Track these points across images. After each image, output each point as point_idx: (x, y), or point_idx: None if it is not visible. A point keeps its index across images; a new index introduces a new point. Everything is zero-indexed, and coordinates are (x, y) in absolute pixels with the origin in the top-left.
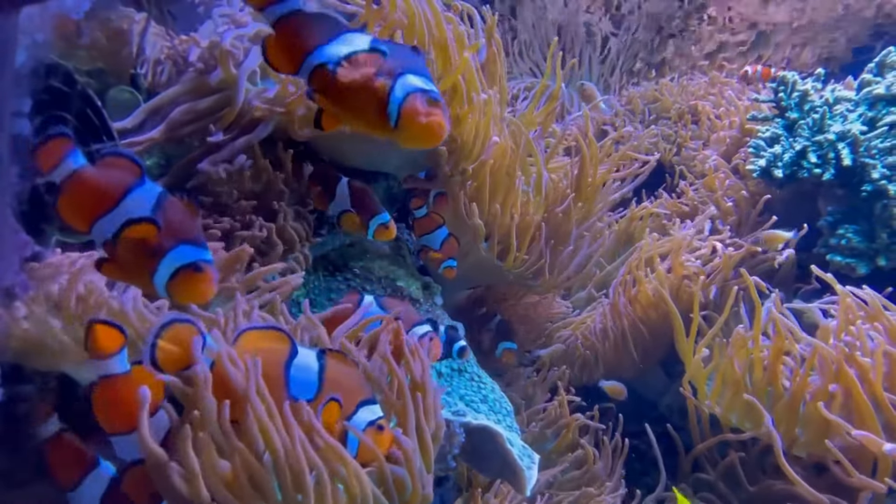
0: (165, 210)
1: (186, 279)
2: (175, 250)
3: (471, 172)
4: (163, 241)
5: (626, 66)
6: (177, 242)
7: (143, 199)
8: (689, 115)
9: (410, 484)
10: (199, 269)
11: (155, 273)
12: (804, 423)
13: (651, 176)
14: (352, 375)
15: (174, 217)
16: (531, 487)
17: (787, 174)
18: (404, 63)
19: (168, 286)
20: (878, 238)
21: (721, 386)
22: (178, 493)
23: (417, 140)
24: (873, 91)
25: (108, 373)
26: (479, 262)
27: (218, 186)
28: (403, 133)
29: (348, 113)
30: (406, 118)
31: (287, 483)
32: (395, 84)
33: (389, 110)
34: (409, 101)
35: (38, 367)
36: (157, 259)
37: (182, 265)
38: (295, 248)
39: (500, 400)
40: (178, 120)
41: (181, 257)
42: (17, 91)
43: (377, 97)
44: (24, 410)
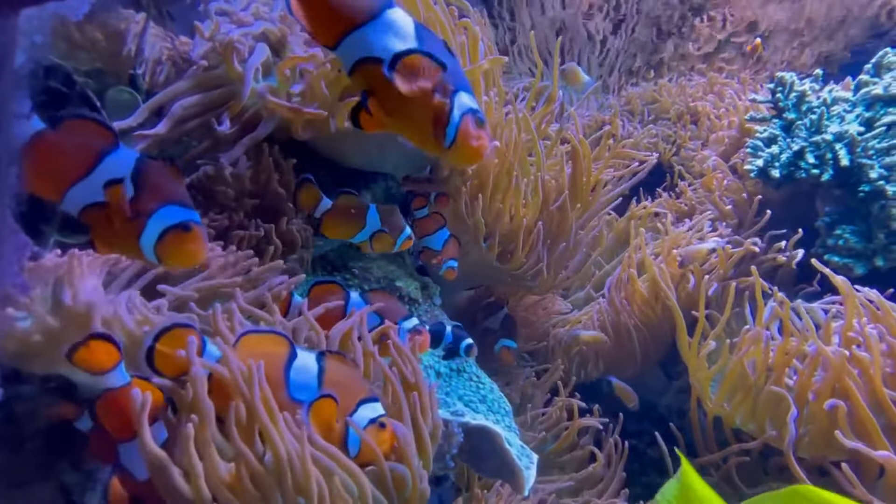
0: (147, 172)
1: (175, 240)
2: (161, 211)
3: (470, 173)
4: (147, 202)
5: (625, 67)
6: (162, 203)
7: (119, 163)
8: (689, 116)
9: (410, 481)
10: (188, 229)
11: (141, 235)
12: (808, 424)
13: (651, 176)
14: (352, 375)
15: (157, 178)
16: (530, 487)
17: (784, 174)
18: (454, 76)
19: (156, 249)
20: (876, 238)
21: (728, 387)
22: (179, 493)
23: (463, 160)
24: (871, 92)
25: (110, 387)
26: (478, 262)
27: (217, 185)
28: (454, 154)
29: (399, 122)
30: (461, 142)
31: (288, 486)
32: (452, 104)
33: (448, 132)
34: (464, 125)
35: (35, 369)
36: (143, 220)
37: (170, 225)
38: (296, 249)
39: (498, 400)
40: (180, 115)
41: (168, 217)
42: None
43: (436, 117)
44: (23, 410)
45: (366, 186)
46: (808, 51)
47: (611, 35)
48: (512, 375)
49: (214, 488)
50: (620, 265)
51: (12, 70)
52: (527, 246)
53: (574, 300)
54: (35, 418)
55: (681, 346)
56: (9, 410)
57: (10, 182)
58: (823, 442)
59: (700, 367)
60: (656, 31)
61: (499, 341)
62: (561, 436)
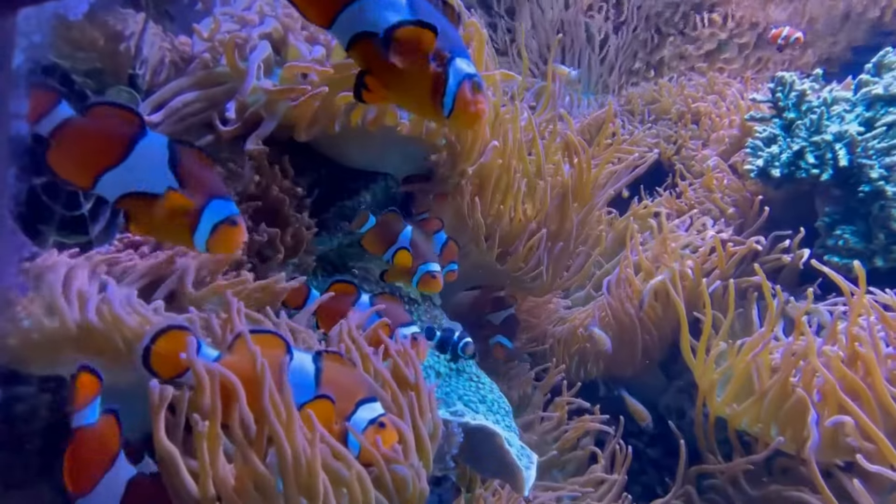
0: (186, 164)
1: (224, 234)
2: (211, 205)
3: (470, 174)
4: (196, 197)
5: (625, 66)
6: (209, 198)
7: (152, 150)
8: (690, 115)
9: (411, 483)
10: (235, 223)
11: (195, 230)
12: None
13: (652, 176)
14: (350, 375)
15: (198, 170)
16: (530, 487)
17: (784, 174)
18: (450, 42)
19: (208, 242)
20: (876, 239)
21: (735, 389)
22: (187, 490)
23: (463, 126)
24: (871, 91)
25: (79, 424)
26: (478, 263)
27: None
28: (454, 121)
29: (398, 95)
30: (459, 108)
31: (292, 488)
32: (448, 72)
33: (445, 101)
34: (461, 91)
35: (34, 369)
36: (195, 217)
37: (220, 220)
38: (298, 253)
39: (498, 400)
40: (179, 108)
41: (217, 213)
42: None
43: (433, 86)
44: (22, 411)
45: (366, 186)
46: (811, 51)
47: (612, 34)
48: (511, 375)
49: (221, 488)
50: (619, 265)
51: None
52: (527, 247)
53: (574, 299)
54: (34, 419)
55: (684, 350)
56: (8, 411)
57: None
58: (830, 445)
59: (706, 372)
60: (657, 31)
61: (495, 336)
62: (561, 437)
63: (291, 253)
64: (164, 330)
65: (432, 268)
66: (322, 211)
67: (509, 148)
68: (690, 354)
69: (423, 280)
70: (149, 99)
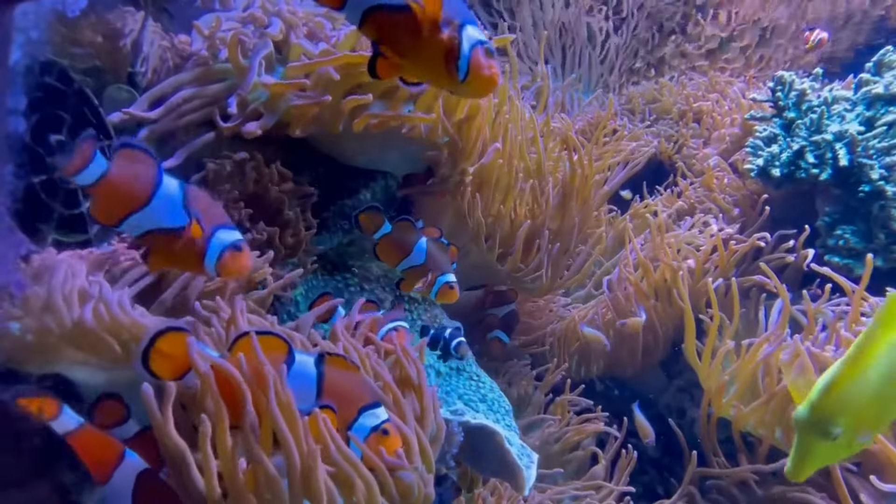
0: (196, 202)
1: (231, 258)
2: (217, 234)
3: (470, 174)
4: (205, 230)
5: (626, 65)
6: (215, 228)
7: (171, 195)
8: (691, 114)
9: (416, 488)
10: (239, 249)
11: (205, 257)
12: None
13: (653, 175)
14: (352, 380)
15: (205, 205)
16: (530, 486)
17: (784, 174)
18: (458, 10)
19: (216, 267)
20: (876, 239)
21: (740, 392)
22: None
23: (478, 91)
24: (871, 91)
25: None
26: (478, 263)
27: (219, 185)
28: (469, 86)
29: (412, 64)
30: (474, 73)
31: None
32: (461, 38)
33: (459, 65)
34: (475, 57)
35: (32, 368)
36: (204, 244)
37: (226, 246)
38: (297, 252)
39: (498, 399)
40: (177, 104)
41: (224, 240)
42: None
43: (447, 53)
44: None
45: (366, 185)
46: (814, 51)
47: (612, 34)
48: (512, 373)
49: (229, 485)
50: (619, 264)
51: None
52: (531, 249)
53: (574, 299)
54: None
55: (689, 352)
56: (5, 410)
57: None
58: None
59: (712, 374)
60: (658, 29)
61: (493, 331)
62: (563, 438)
63: (291, 252)
64: (163, 331)
65: (450, 279)
66: (321, 210)
67: (510, 147)
68: (696, 357)
69: (441, 291)
70: (147, 93)
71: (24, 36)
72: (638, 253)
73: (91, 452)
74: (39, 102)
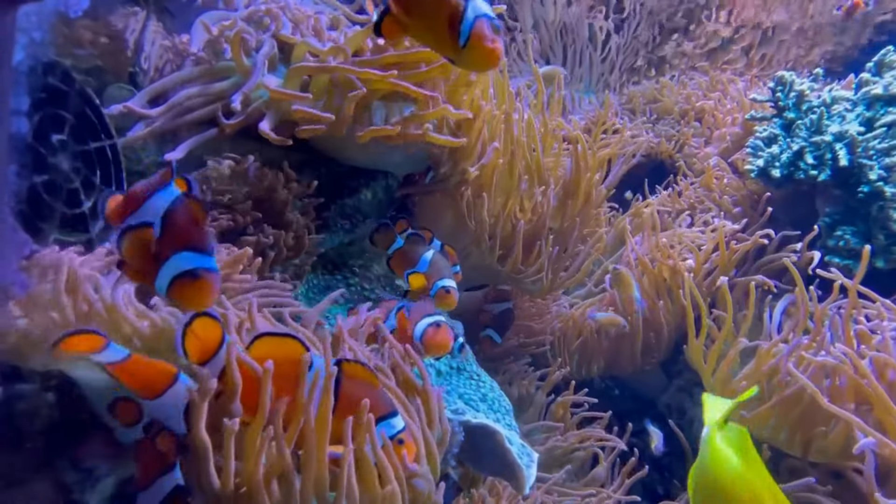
0: (173, 214)
1: (185, 286)
2: (177, 256)
3: (471, 174)
4: (165, 247)
5: (627, 65)
6: (179, 248)
7: (160, 201)
8: (693, 113)
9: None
10: (197, 277)
11: (158, 278)
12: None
13: (653, 174)
14: (368, 389)
15: (180, 221)
16: (530, 486)
17: (784, 175)
18: None
19: (168, 292)
20: (876, 239)
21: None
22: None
23: (478, 63)
24: (871, 91)
25: (110, 361)
26: (478, 264)
27: (222, 185)
28: (469, 54)
29: (418, 23)
30: (475, 41)
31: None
32: (467, 5)
33: (462, 29)
34: (478, 25)
35: (35, 366)
36: (159, 264)
37: (182, 272)
38: (300, 253)
39: (499, 398)
40: (180, 102)
41: (182, 264)
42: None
43: (452, 16)
44: (23, 408)
45: (366, 184)
46: (817, 49)
47: (613, 33)
48: (513, 372)
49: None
50: (619, 262)
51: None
52: (532, 249)
53: (574, 297)
54: (35, 416)
55: (693, 354)
56: (9, 408)
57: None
58: (839, 449)
59: (721, 379)
60: (659, 28)
61: (485, 328)
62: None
63: (293, 254)
64: (199, 315)
65: (447, 283)
66: (322, 209)
67: (511, 147)
68: (702, 362)
69: (438, 295)
70: (147, 87)
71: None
72: (637, 251)
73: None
74: (41, 102)
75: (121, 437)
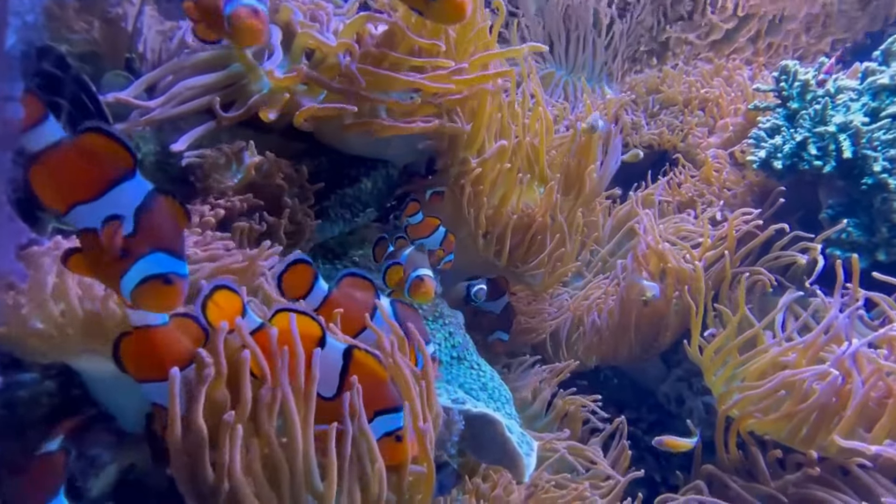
0: (149, 211)
1: (152, 290)
2: (148, 257)
3: (472, 166)
4: (137, 246)
5: (630, 52)
6: (152, 249)
7: (128, 196)
8: (697, 102)
9: None
10: (169, 282)
11: (124, 276)
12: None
13: (654, 166)
14: (374, 380)
15: (156, 220)
16: (530, 474)
17: (786, 166)
18: None
19: (133, 292)
20: (878, 232)
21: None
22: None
23: (447, 15)
24: (877, 81)
25: (146, 323)
26: (476, 258)
27: (216, 174)
28: (438, 6)
29: None
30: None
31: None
32: None
33: None
34: None
35: (37, 357)
36: (129, 263)
37: (152, 274)
38: (300, 241)
39: (499, 388)
40: (179, 93)
41: (153, 266)
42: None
43: None
44: (24, 398)
45: (366, 174)
46: (829, 38)
47: (617, 19)
48: (515, 366)
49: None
50: (632, 251)
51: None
52: (532, 242)
53: (573, 289)
54: (36, 406)
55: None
56: (10, 397)
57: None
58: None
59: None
60: (663, 15)
61: (494, 332)
62: None
63: (292, 243)
64: (220, 286)
65: (421, 272)
66: (323, 199)
67: (511, 139)
68: (707, 356)
69: (413, 285)
70: (145, 76)
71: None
72: (648, 241)
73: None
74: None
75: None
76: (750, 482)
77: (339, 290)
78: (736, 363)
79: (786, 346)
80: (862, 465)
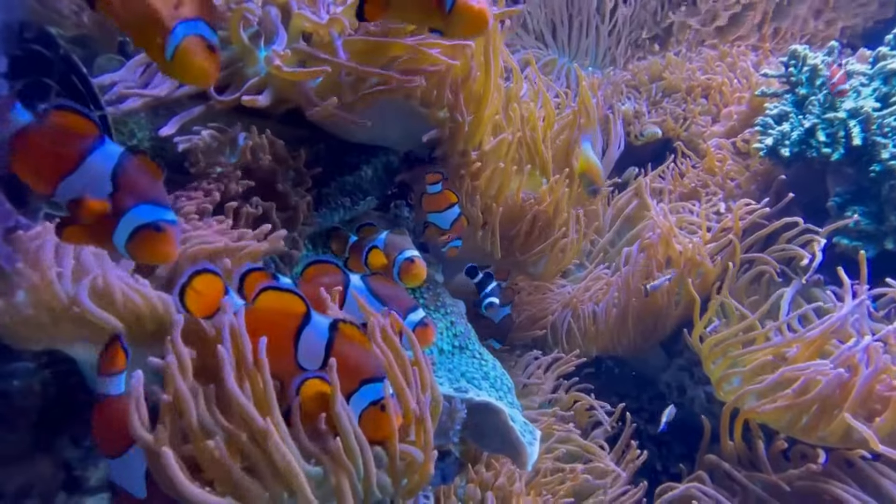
0: (126, 169)
1: (146, 239)
2: (134, 209)
3: (472, 157)
4: (122, 201)
5: (633, 38)
6: (136, 202)
7: (102, 162)
8: (700, 89)
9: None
10: (159, 229)
11: (115, 232)
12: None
13: (657, 157)
14: (360, 351)
15: (133, 176)
16: (533, 463)
17: (794, 153)
18: None
19: (128, 246)
20: (887, 220)
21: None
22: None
23: (468, 27)
24: (888, 66)
25: (108, 392)
26: (477, 248)
27: (211, 158)
28: (457, 19)
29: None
30: (461, 3)
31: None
32: None
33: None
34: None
35: (29, 344)
36: (116, 219)
37: (141, 225)
38: (296, 226)
39: (501, 377)
40: None
41: (140, 216)
42: None
43: None
44: (18, 386)
45: (366, 161)
46: (838, 24)
47: (621, 4)
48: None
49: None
50: (639, 241)
51: None
52: (532, 232)
53: (574, 279)
54: (30, 394)
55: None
56: (3, 386)
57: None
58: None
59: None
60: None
61: (488, 339)
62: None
63: (288, 226)
64: (199, 271)
65: (409, 253)
66: (323, 186)
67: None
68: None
69: (403, 268)
70: (136, 57)
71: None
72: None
73: None
74: (24, 69)
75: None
76: (753, 472)
77: (303, 281)
78: (736, 354)
79: (790, 338)
80: (864, 457)
